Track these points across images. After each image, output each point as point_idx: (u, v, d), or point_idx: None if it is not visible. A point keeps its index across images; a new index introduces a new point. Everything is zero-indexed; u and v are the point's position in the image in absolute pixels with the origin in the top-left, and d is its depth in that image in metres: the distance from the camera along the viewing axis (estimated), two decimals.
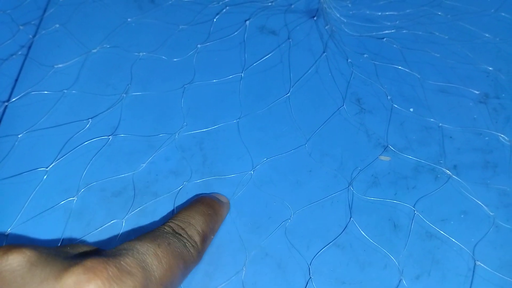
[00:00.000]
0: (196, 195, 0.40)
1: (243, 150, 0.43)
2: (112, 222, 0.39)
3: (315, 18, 0.51)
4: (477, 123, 0.44)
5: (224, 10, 0.52)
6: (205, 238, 0.33)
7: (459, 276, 0.36)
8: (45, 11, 0.53)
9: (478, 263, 0.36)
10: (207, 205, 0.36)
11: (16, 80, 0.47)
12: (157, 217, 0.39)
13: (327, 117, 0.44)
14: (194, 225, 0.33)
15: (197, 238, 0.32)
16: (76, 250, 0.29)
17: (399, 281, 0.36)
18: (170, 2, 0.53)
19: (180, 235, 0.31)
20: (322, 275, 0.37)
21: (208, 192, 0.40)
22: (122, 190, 0.40)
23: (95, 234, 0.38)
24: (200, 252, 0.32)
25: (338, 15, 0.51)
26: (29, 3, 0.54)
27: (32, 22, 0.52)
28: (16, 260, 0.25)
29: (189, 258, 0.31)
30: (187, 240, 0.31)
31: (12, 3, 0.53)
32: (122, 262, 0.26)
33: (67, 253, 0.28)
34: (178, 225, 0.32)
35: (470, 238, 0.38)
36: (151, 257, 0.27)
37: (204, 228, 0.33)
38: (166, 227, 0.32)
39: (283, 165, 0.42)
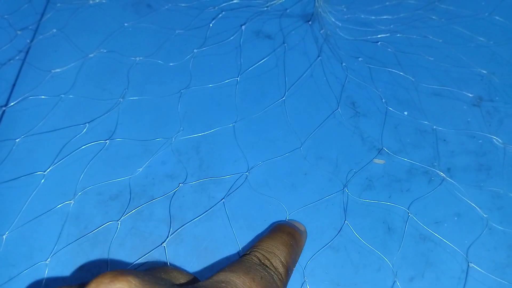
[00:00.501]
0: (274, 223, 0.39)
1: (239, 153, 0.43)
2: (108, 223, 0.39)
3: (310, 22, 0.52)
4: (471, 126, 0.44)
5: (220, 15, 0.52)
6: (289, 270, 0.32)
7: (453, 278, 0.36)
8: (42, 16, 0.53)
9: (471, 265, 0.37)
10: (288, 234, 0.34)
11: (14, 84, 0.47)
12: (153, 220, 0.39)
13: (322, 121, 0.45)
14: (278, 256, 0.31)
15: (282, 270, 0.31)
16: (170, 276, 0.30)
17: (393, 283, 0.36)
18: (167, 7, 0.53)
19: (267, 266, 0.30)
20: (317, 277, 0.37)
21: (204, 193, 0.41)
22: (119, 194, 0.41)
23: (90, 236, 0.39)
24: (284, 284, 0.31)
25: (333, 19, 0.52)
26: (26, 8, 0.54)
27: (30, 27, 0.52)
28: None
29: None
30: (274, 272, 0.30)
31: (10, 8, 0.54)
32: None
33: (164, 280, 0.28)
34: (263, 255, 0.31)
35: (463, 240, 0.38)
36: None
37: (287, 259, 0.32)
38: (253, 257, 0.31)
39: (278, 168, 0.42)
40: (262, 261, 0.30)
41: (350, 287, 0.36)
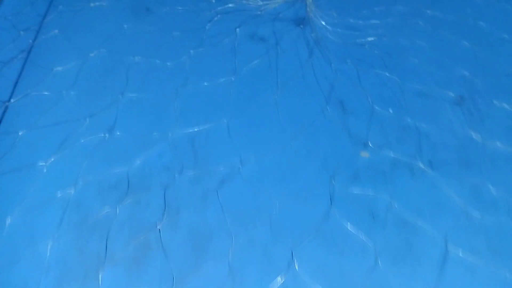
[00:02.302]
0: None
1: (232, 148, 0.45)
2: (107, 211, 0.41)
3: (301, 26, 0.54)
4: (452, 123, 0.46)
5: (216, 18, 0.54)
6: None
7: (432, 260, 0.38)
8: (44, 17, 0.55)
9: (450, 248, 0.39)
10: None
11: (16, 82, 0.49)
12: (150, 208, 0.41)
13: (312, 118, 0.47)
14: None
15: None
16: None
17: (375, 264, 0.38)
18: (165, 10, 0.55)
19: None
20: (304, 260, 0.39)
21: (198, 185, 0.42)
22: (117, 184, 0.42)
23: (90, 223, 0.40)
24: None
25: (324, 23, 0.54)
26: (29, 10, 0.56)
27: (32, 28, 0.54)
28: None
29: None
30: None
31: (13, 10, 0.56)
32: None
33: None
34: None
35: (443, 227, 0.40)
36: None
37: None
38: None
39: (270, 162, 0.44)
40: None
41: (335, 269, 0.38)
